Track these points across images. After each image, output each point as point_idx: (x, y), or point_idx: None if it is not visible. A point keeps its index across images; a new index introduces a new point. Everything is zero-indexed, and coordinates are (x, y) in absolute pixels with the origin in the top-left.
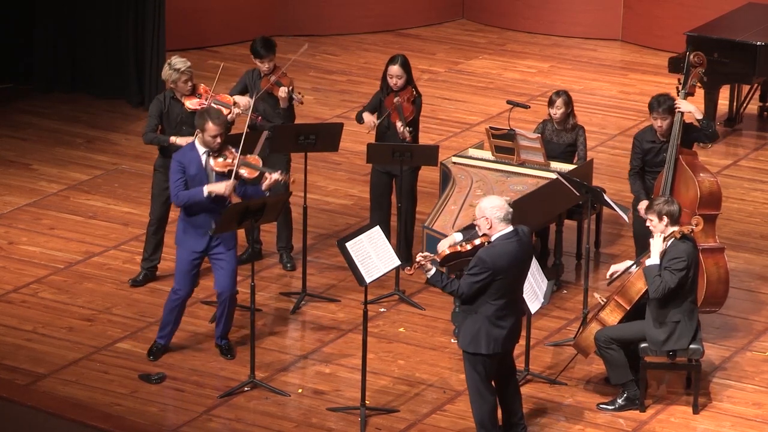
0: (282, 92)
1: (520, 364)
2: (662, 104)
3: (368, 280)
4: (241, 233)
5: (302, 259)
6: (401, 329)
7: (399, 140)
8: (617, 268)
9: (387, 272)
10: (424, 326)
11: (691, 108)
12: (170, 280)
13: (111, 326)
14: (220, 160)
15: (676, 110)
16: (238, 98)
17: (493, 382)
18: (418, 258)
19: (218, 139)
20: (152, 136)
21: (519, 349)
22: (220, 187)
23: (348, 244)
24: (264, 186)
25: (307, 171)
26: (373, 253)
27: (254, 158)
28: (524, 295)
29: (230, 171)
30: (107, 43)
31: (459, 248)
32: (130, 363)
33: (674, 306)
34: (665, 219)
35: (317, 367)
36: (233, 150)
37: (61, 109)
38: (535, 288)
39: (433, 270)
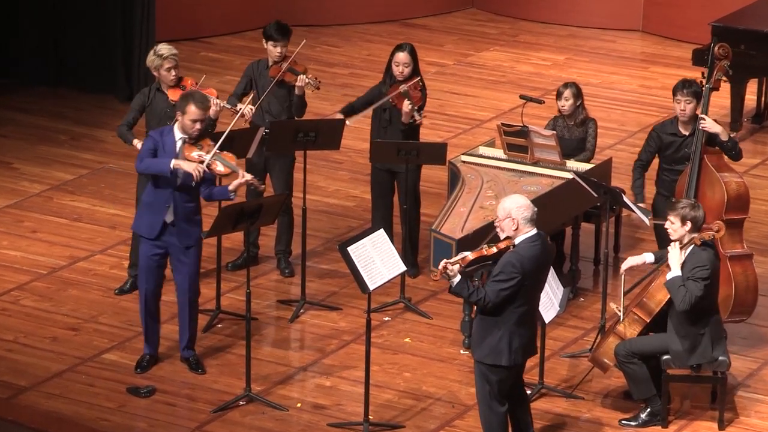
0: (300, 81)
1: (533, 377)
2: (688, 86)
3: (372, 287)
4: (237, 236)
5: (301, 264)
6: (407, 339)
7: (400, 137)
8: (634, 261)
9: (392, 279)
10: (432, 336)
11: (718, 129)
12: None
13: (97, 336)
14: (195, 149)
15: (701, 127)
16: (240, 105)
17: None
18: (442, 264)
19: (197, 125)
20: (123, 130)
21: (533, 360)
22: (189, 167)
23: (350, 249)
24: (231, 186)
25: (306, 170)
26: (377, 258)
27: (230, 155)
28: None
29: (202, 162)
30: (93, 34)
31: (484, 252)
32: (118, 375)
33: (698, 317)
34: (689, 224)
35: (317, 380)
36: (211, 142)
37: (45, 104)
38: (550, 295)
39: (458, 278)
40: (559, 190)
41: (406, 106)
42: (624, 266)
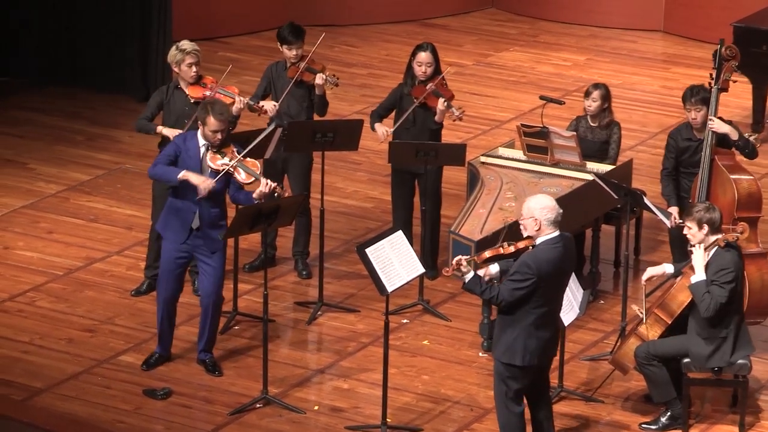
0: (319, 79)
1: (553, 380)
2: (696, 94)
3: (390, 288)
4: (254, 237)
5: (319, 266)
6: (425, 342)
7: (427, 137)
8: (654, 272)
9: (410, 280)
10: (450, 339)
11: (726, 129)
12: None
13: (113, 338)
14: (218, 157)
15: (710, 129)
16: (265, 104)
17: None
18: (456, 260)
19: (219, 135)
20: (143, 123)
21: (553, 363)
22: (198, 180)
23: (368, 250)
24: (255, 194)
25: (324, 171)
26: (396, 260)
27: (253, 163)
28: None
29: (225, 170)
30: (107, 33)
31: (501, 250)
32: (134, 377)
33: (720, 320)
34: (705, 227)
35: (335, 383)
36: (235, 149)
37: (61, 104)
38: (570, 298)
39: (472, 274)
40: (580, 192)
41: (441, 104)
42: (644, 276)
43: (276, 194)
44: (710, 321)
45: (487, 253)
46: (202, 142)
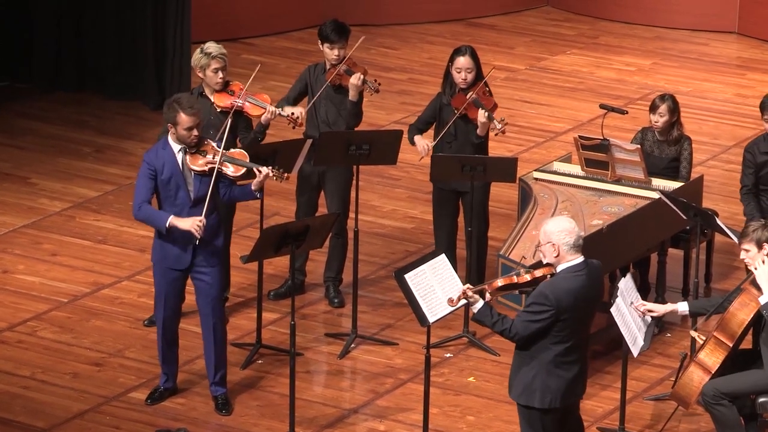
0: (354, 78)
1: (614, 422)
2: None
3: (431, 319)
4: (281, 261)
5: (352, 293)
6: (471, 379)
7: (471, 152)
8: (656, 309)
9: (454, 310)
10: (499, 375)
11: None
12: (194, 317)
13: (123, 372)
14: (200, 157)
15: None
16: (290, 109)
17: None
18: (463, 289)
19: (194, 132)
20: None
21: (613, 403)
22: (185, 224)
23: (407, 276)
24: (254, 185)
25: (359, 188)
26: (438, 287)
27: (240, 152)
28: (625, 337)
29: (212, 169)
30: (121, 34)
31: (515, 279)
32: (146, 416)
33: None
34: (766, 247)
35: (369, 423)
36: (213, 144)
37: (66, 112)
38: (634, 329)
39: (481, 302)
40: (644, 212)
41: (482, 115)
42: (643, 308)
43: (275, 178)
44: None
45: (500, 282)
46: (176, 148)
